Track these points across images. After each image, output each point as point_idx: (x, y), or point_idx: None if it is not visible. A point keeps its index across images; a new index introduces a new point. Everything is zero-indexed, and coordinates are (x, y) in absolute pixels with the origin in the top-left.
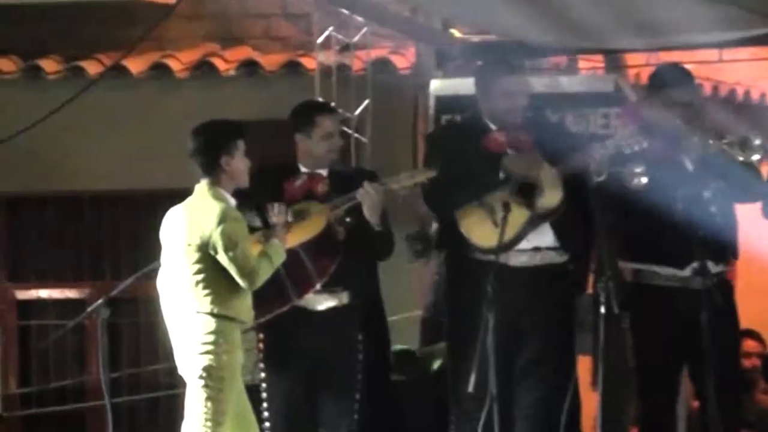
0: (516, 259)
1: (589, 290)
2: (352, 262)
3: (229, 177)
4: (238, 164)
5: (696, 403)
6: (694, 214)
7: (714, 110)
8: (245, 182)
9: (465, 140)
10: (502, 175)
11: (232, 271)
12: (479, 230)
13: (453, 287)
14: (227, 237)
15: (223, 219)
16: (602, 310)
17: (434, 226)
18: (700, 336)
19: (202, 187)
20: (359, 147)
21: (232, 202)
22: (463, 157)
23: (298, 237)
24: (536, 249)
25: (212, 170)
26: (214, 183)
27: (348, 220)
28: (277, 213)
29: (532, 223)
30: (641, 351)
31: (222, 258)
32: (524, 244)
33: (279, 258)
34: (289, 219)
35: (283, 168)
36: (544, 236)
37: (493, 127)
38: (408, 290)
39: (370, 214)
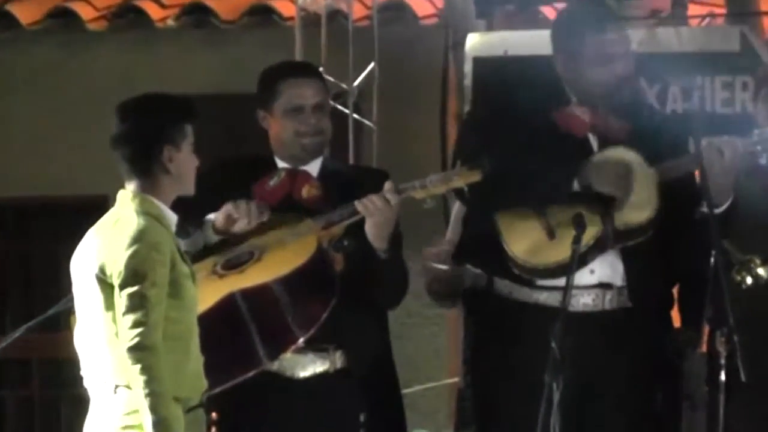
0: (574, 300)
1: (703, 348)
2: (350, 308)
3: (171, 180)
4: (186, 161)
5: None
6: None
7: None
8: (191, 188)
9: (531, 112)
10: (576, 185)
11: (122, 323)
12: (525, 241)
13: (480, 341)
14: (132, 268)
15: (135, 241)
16: (722, 377)
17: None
18: None
19: (124, 196)
20: (361, 133)
21: (172, 218)
22: (523, 138)
23: (273, 266)
24: (605, 286)
25: (146, 169)
26: (147, 188)
27: (346, 243)
28: (245, 213)
29: (602, 243)
30: None
31: (116, 297)
32: (586, 277)
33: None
34: (264, 219)
35: (253, 163)
36: (616, 268)
37: (573, 99)
38: (434, 349)
39: (375, 235)
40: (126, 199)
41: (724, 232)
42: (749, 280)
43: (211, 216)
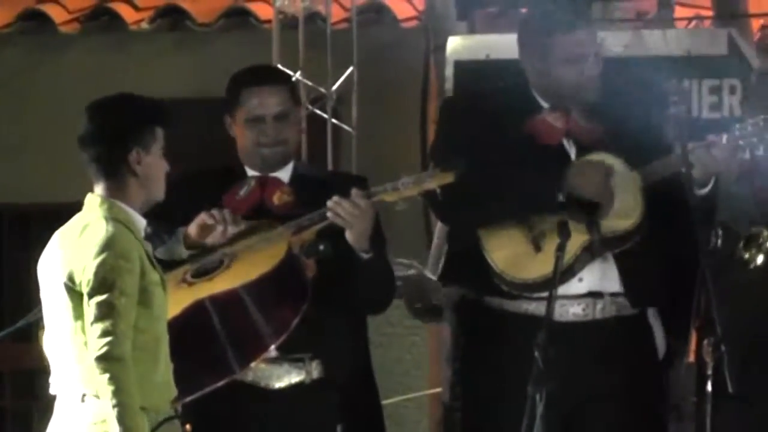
0: (563, 310)
1: (690, 358)
2: (326, 316)
3: (139, 183)
4: (155, 164)
5: None
6: None
7: None
8: (160, 193)
9: (502, 121)
10: (561, 197)
11: (90, 332)
12: (511, 256)
13: (470, 353)
14: (101, 277)
15: (104, 249)
16: (709, 388)
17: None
18: None
19: (92, 201)
20: (340, 138)
21: (140, 223)
22: (498, 149)
23: (242, 273)
24: (594, 295)
25: (113, 170)
26: (114, 191)
27: (321, 248)
28: (220, 219)
29: (591, 252)
30: None
31: (85, 306)
32: (575, 286)
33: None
34: (241, 227)
35: (223, 174)
36: (608, 275)
37: (544, 104)
38: (415, 359)
39: (353, 239)
40: (94, 204)
41: (710, 216)
42: (760, 259)
43: (182, 229)
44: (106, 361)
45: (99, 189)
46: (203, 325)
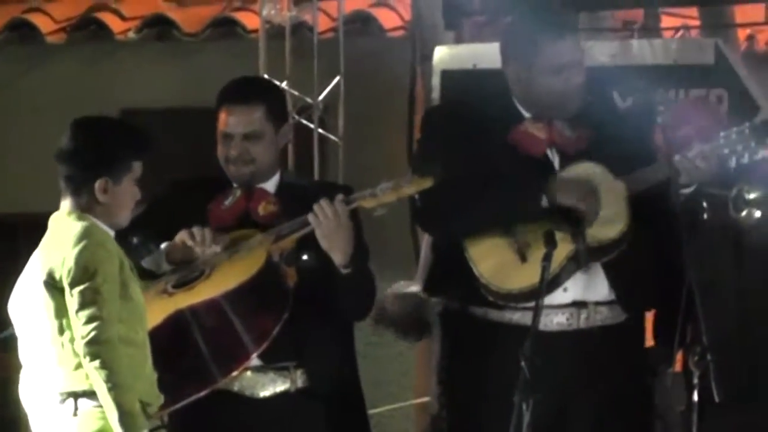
0: (548, 319)
1: (676, 367)
2: (310, 324)
3: (102, 208)
4: (122, 195)
5: None
6: None
7: None
8: (124, 221)
9: (485, 131)
10: (545, 202)
11: (75, 324)
12: (496, 266)
13: (455, 362)
14: (82, 265)
15: (82, 238)
16: (695, 397)
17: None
18: None
19: (58, 216)
20: (326, 147)
21: (110, 232)
22: (480, 158)
23: (221, 282)
24: (579, 304)
25: (80, 192)
26: (81, 208)
27: (302, 256)
28: (200, 240)
29: (576, 262)
30: None
31: (68, 297)
32: (560, 296)
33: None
34: (217, 249)
35: (213, 181)
36: (593, 284)
37: (526, 114)
38: (401, 369)
39: (328, 246)
40: (61, 216)
41: (694, 225)
42: (757, 213)
43: (164, 246)
44: (95, 344)
45: (65, 204)
46: (184, 335)
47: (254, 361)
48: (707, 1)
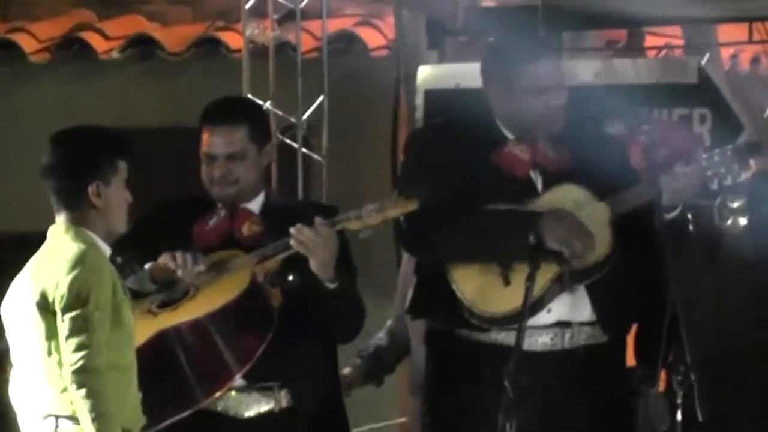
0: (532, 340)
1: (660, 387)
2: (294, 345)
3: (99, 214)
4: (115, 197)
5: None
6: None
7: None
8: (122, 225)
9: (469, 152)
10: (532, 239)
11: (65, 348)
12: (479, 289)
13: (440, 382)
14: (75, 291)
15: (76, 264)
16: (679, 417)
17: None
18: None
19: (56, 230)
20: (310, 167)
21: (104, 248)
22: (465, 181)
23: (205, 303)
24: (563, 324)
25: (74, 202)
26: (76, 221)
27: (286, 277)
28: (182, 263)
29: (561, 283)
30: None
31: (59, 322)
32: (543, 317)
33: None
34: (201, 269)
35: (197, 202)
36: (577, 305)
37: (509, 135)
38: (385, 388)
39: (316, 267)
40: (59, 232)
41: (678, 242)
42: (742, 221)
43: (148, 266)
44: (82, 373)
45: (61, 219)
46: (167, 356)
47: (238, 381)
48: (691, 21)
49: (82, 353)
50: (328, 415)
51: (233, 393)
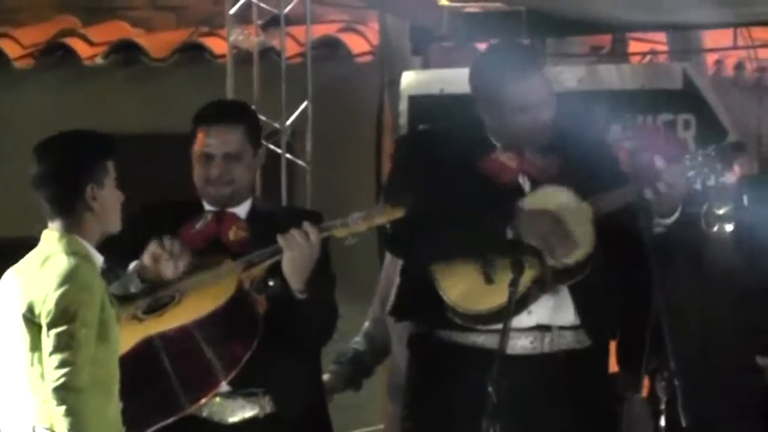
0: (512, 343)
1: (643, 393)
2: (278, 351)
3: (95, 217)
4: (109, 197)
5: None
6: None
7: None
8: (116, 224)
9: (456, 159)
10: (510, 233)
11: (48, 363)
12: (464, 290)
13: (422, 385)
14: (62, 307)
15: (66, 280)
16: (662, 422)
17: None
18: None
19: (50, 236)
20: (294, 173)
21: (98, 258)
22: (452, 187)
23: (192, 309)
24: (542, 328)
25: (69, 208)
26: (71, 227)
27: (272, 284)
28: (169, 248)
29: (542, 285)
30: None
31: (44, 337)
32: (524, 319)
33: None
34: (188, 258)
35: (181, 207)
36: (559, 309)
37: (496, 143)
38: (369, 393)
39: (290, 272)
40: (52, 239)
41: (666, 248)
42: (728, 227)
43: (134, 263)
44: (63, 391)
45: (55, 225)
46: (152, 362)
47: (223, 387)
48: (675, 27)
49: (64, 371)
50: (312, 420)
51: (218, 399)
